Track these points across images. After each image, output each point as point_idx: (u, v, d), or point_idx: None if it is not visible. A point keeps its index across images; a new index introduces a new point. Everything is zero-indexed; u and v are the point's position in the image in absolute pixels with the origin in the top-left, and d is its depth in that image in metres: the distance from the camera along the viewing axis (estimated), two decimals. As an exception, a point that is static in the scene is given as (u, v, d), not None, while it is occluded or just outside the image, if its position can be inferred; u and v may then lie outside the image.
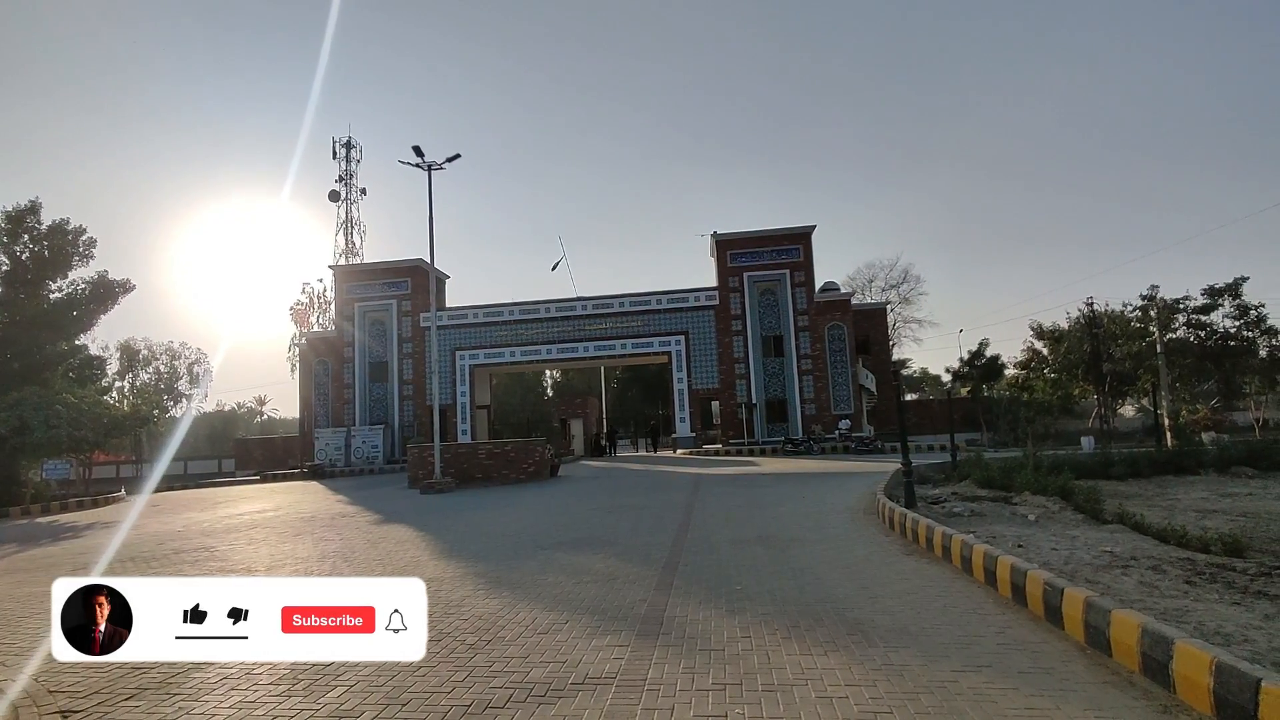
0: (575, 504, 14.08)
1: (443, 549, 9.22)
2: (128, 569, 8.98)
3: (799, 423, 31.41)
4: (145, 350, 59.49)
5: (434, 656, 4.62)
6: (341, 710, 3.80)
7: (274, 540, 10.94)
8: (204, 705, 3.98)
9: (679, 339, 33.00)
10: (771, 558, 7.55)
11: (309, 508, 16.03)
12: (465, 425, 33.71)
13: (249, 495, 21.66)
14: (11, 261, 30.86)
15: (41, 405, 21.71)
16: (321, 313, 52.27)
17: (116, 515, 18.04)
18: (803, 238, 32.90)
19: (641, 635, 4.91)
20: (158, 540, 11.67)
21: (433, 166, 20.10)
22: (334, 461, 32.85)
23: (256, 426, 73.60)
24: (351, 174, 53.38)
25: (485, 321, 34.18)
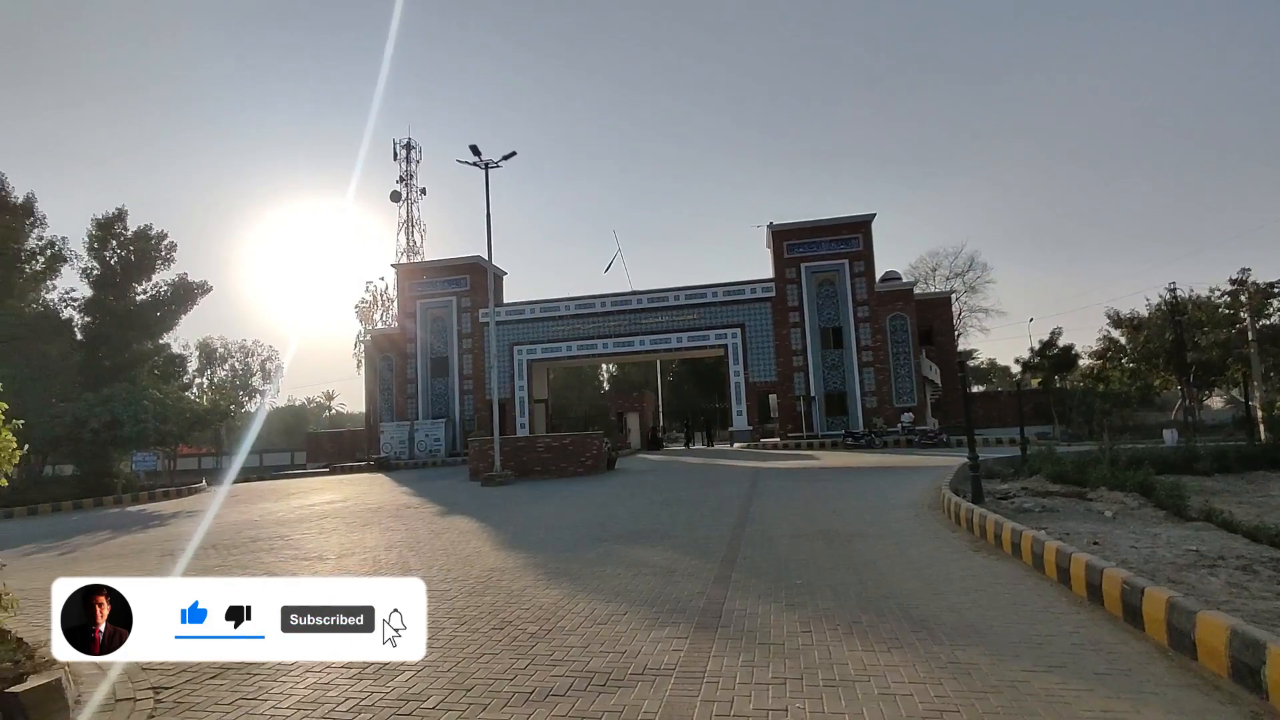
0: (632, 497, 14.16)
1: (503, 540, 9.41)
2: (210, 556, 9.47)
3: (859, 416, 30.79)
4: (222, 348, 62.51)
5: (497, 645, 4.73)
6: (410, 694, 3.93)
7: (344, 530, 11.36)
8: (281, 685, 4.17)
9: (735, 332, 32.75)
10: (832, 552, 7.44)
11: (376, 499, 16.59)
12: (523, 419, 34.28)
13: (319, 487, 22.55)
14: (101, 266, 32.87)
15: (130, 401, 23.09)
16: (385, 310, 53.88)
17: (198, 505, 19.07)
18: (862, 226, 32.16)
19: (700, 628, 4.91)
20: (236, 529, 12.27)
21: (489, 165, 20.46)
22: (398, 454, 33.87)
23: (325, 420, 76.49)
24: (411, 174, 54.77)
25: (542, 317, 34.65)
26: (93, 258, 33.16)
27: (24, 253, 31.63)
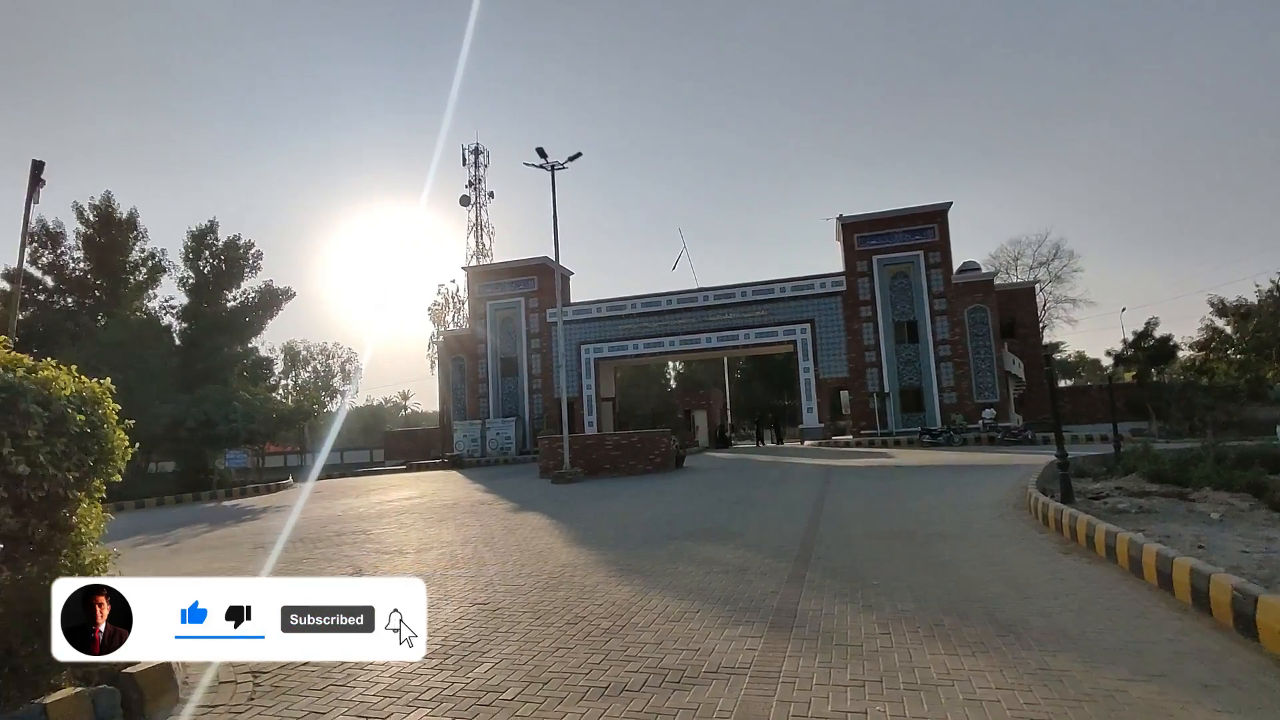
0: (702, 495, 14.11)
1: (575, 536, 9.53)
2: (298, 549, 9.95)
3: (936, 412, 29.78)
4: (304, 351, 65.67)
5: (571, 639, 4.79)
6: (489, 685, 4.03)
7: (421, 525, 11.74)
8: (368, 673, 4.34)
9: (804, 327, 32.20)
10: (910, 553, 7.21)
11: (450, 495, 17.08)
12: (591, 417, 34.66)
13: (397, 483, 23.38)
14: (196, 275, 35.05)
15: (223, 402, 24.53)
16: (456, 312, 55.54)
17: (286, 500, 20.07)
18: (937, 216, 31.07)
19: (774, 628, 4.84)
20: (322, 524, 12.85)
21: (555, 167, 20.76)
22: (471, 452, 34.79)
23: (401, 419, 79.30)
24: (480, 179, 56.27)
25: (608, 315, 34.94)
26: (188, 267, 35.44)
27: (129, 264, 34.04)
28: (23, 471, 3.91)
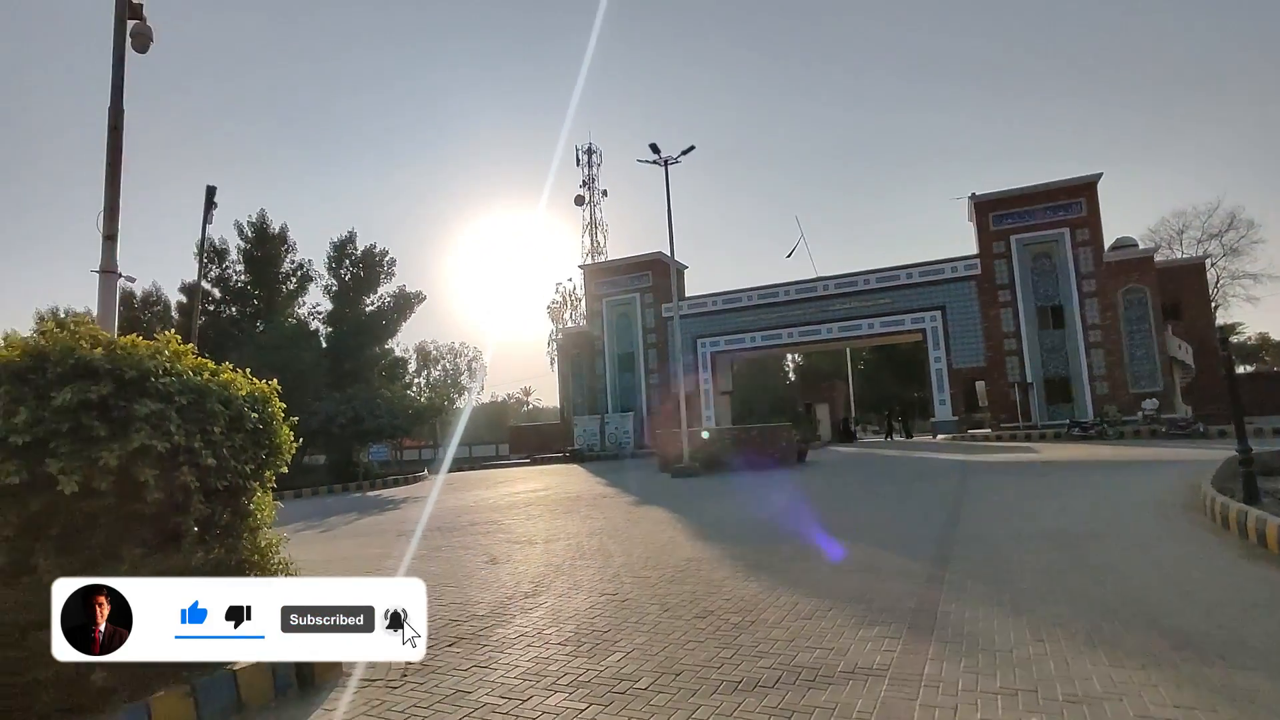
0: (826, 490, 13.73)
1: (697, 530, 9.54)
2: (436, 537, 10.60)
3: (1087, 403, 27.38)
4: (434, 351, 69.79)
5: (701, 633, 4.79)
6: (622, 673, 4.11)
7: (548, 516, 12.17)
8: (509, 656, 4.55)
9: (934, 314, 30.54)
10: (1061, 555, 6.66)
11: (574, 488, 17.59)
12: (709, 411, 34.59)
13: (522, 476, 24.37)
14: (338, 282, 38.11)
15: (368, 400, 26.54)
16: (574, 309, 57.14)
17: (422, 491, 21.42)
18: (1085, 189, 28.48)
19: (913, 629, 4.62)
20: (456, 514, 13.61)
21: (669, 161, 20.84)
22: (590, 446, 35.67)
23: (524, 415, 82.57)
24: (593, 178, 57.52)
25: (724, 308, 34.71)
26: (331, 275, 38.62)
27: (281, 275, 37.57)
28: (210, 464, 4.39)
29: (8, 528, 3.87)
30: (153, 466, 4.09)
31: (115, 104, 9.02)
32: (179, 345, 4.75)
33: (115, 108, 9.01)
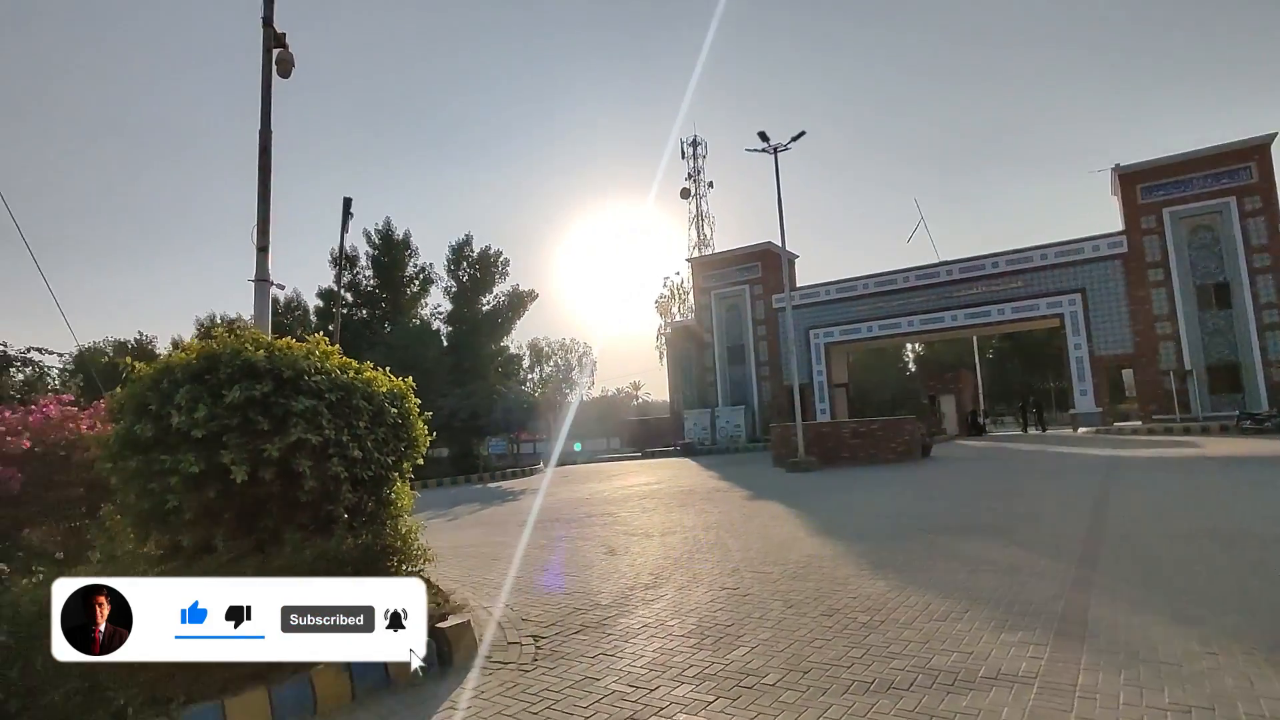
0: (954, 486, 13.02)
1: (816, 526, 9.30)
2: (556, 527, 10.93)
3: (1261, 393, 24.42)
4: (546, 347, 71.88)
5: (827, 630, 4.67)
6: (748, 668, 4.07)
7: (662, 510, 12.26)
8: (633, 646, 4.62)
9: (1073, 298, 28.19)
10: (1229, 557, 5.98)
11: (686, 482, 17.63)
12: (824, 404, 33.67)
13: (634, 470, 24.68)
14: (457, 284, 40.07)
15: (487, 395, 27.77)
16: (682, 303, 57.22)
17: (538, 484, 22.12)
18: (1255, 153, 25.34)
19: (1062, 636, 4.29)
20: (573, 505, 13.97)
21: (778, 149, 20.39)
22: (701, 440, 35.62)
23: (633, 409, 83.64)
24: (699, 170, 57.26)
25: (838, 298, 33.63)
26: (450, 277, 40.68)
27: (405, 278, 40.00)
28: (357, 455, 4.74)
29: (190, 512, 4.33)
30: (308, 458, 4.46)
31: (264, 127, 9.87)
32: (327, 346, 5.15)
33: (264, 130, 9.85)
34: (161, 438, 4.35)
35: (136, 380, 4.67)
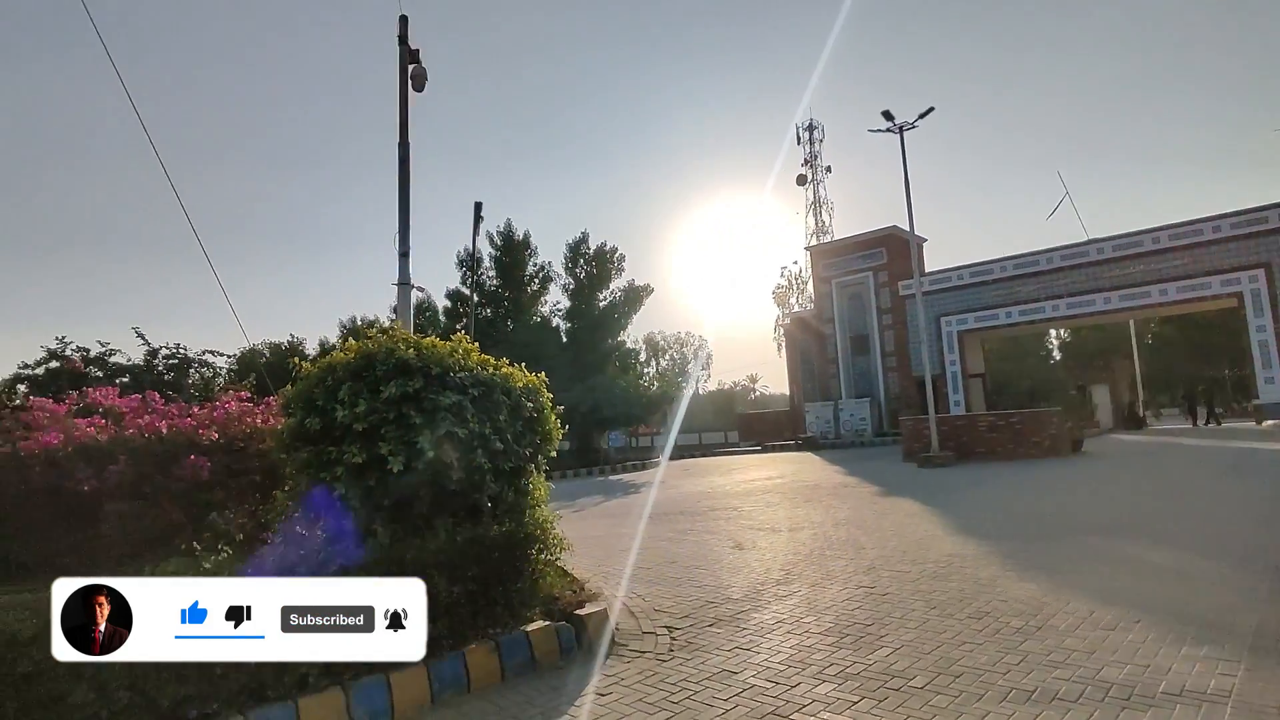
0: (1110, 484, 11.95)
1: (955, 524, 8.81)
2: (680, 520, 10.99)
3: None
4: (662, 341, 72.37)
5: (977, 634, 4.42)
6: (893, 669, 3.92)
7: (787, 505, 12.04)
8: (770, 642, 4.57)
9: (1254, 274, 24.91)
10: None
11: (810, 476, 17.21)
12: (957, 396, 31.78)
13: (754, 463, 24.37)
14: (575, 281, 41.15)
15: (606, 390, 28.36)
16: (800, 293, 55.89)
17: (657, 477, 22.29)
18: None
19: (1258, 653, 3.83)
20: (695, 499, 14.00)
21: (904, 128, 19.40)
22: (824, 433, 34.59)
23: (751, 402, 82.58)
24: (815, 154, 55.53)
25: (971, 282, 31.58)
26: (568, 275, 41.82)
27: (526, 277, 41.52)
28: (499, 447, 4.98)
29: (354, 499, 4.72)
30: (455, 449, 4.74)
31: (403, 139, 10.55)
32: (468, 344, 5.44)
33: (403, 142, 10.53)
34: (327, 430, 4.77)
35: (305, 378, 5.15)
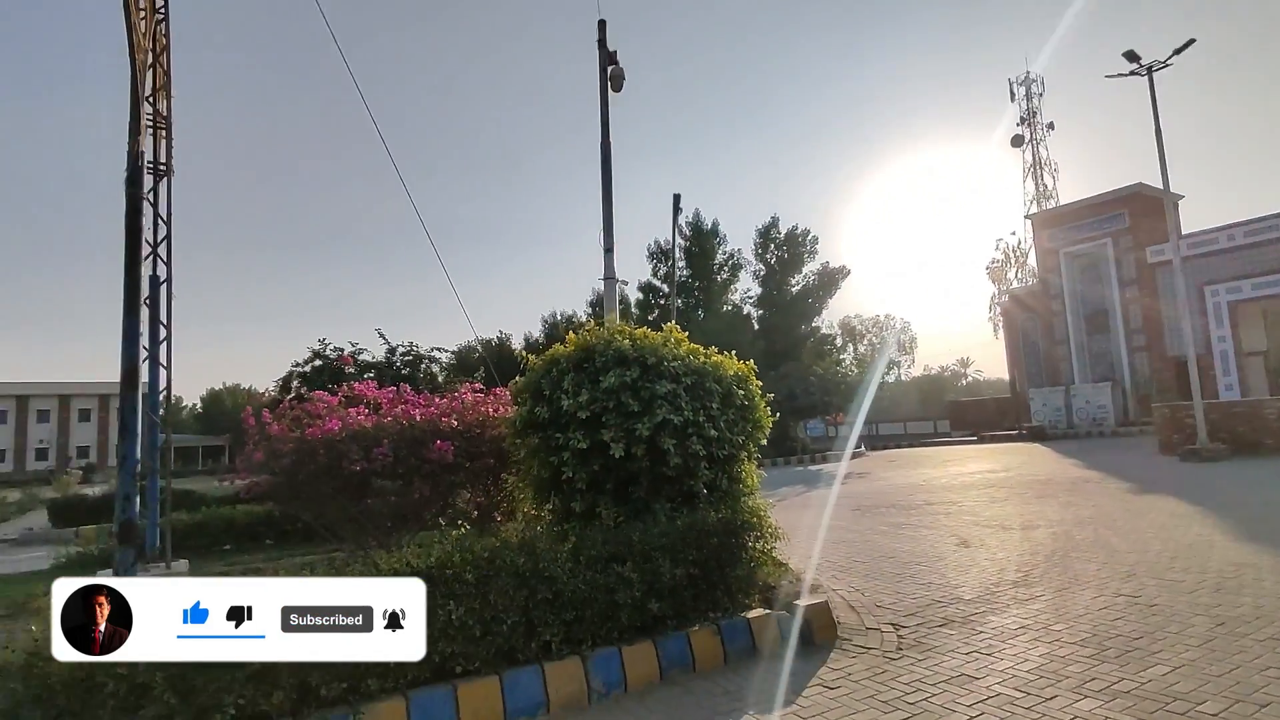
0: None
1: (1238, 529, 7.46)
2: (893, 514, 10.41)
3: None
4: (859, 325, 68.73)
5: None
6: (1173, 690, 3.41)
7: (1015, 500, 10.94)
8: (1013, 648, 4.18)
9: None
10: None
11: (1040, 470, 15.51)
12: (1229, 378, 26.81)
13: (969, 455, 22.43)
14: (765, 267, 40.46)
15: (801, 378, 27.63)
16: (1019, 267, 50.39)
17: (860, 468, 21.25)
18: None
19: None
20: (905, 491, 13.19)
21: (1153, 68, 16.65)
22: (1053, 422, 30.96)
23: (962, 389, 76.09)
24: (1034, 111, 49.58)
25: (1244, 244, 26.44)
26: (758, 261, 41.25)
27: (715, 266, 41.55)
28: (713, 434, 5.04)
29: (580, 482, 5.04)
30: (671, 436, 4.87)
31: (604, 138, 11.01)
32: (679, 334, 5.56)
33: (604, 141, 10.99)
34: (554, 418, 5.13)
35: (531, 370, 5.58)
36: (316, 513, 7.23)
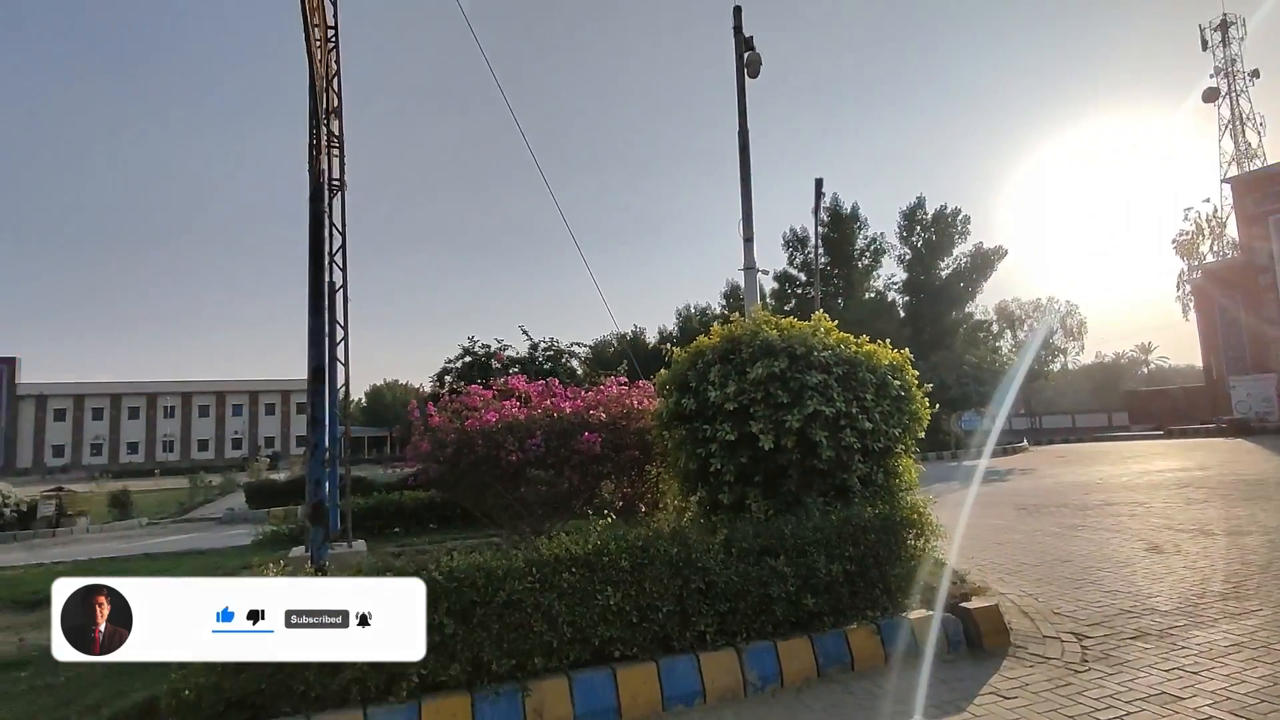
0: None
1: None
2: (1065, 514, 9.55)
3: None
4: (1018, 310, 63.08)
5: None
6: None
7: (1218, 502, 9.68)
8: (1224, 667, 3.70)
9: None
10: None
11: (1244, 468, 13.64)
12: None
13: (1154, 451, 20.09)
14: (911, 250, 38.18)
15: (952, 367, 25.91)
16: (1215, 238, 44.33)
17: (1024, 464, 19.57)
18: None
19: None
20: (1080, 490, 12.05)
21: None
22: (1260, 415, 27.07)
23: (1142, 378, 68.23)
24: (1233, 59, 43.22)
25: None
26: (903, 245, 38.98)
27: (855, 252, 39.70)
28: (867, 427, 4.85)
29: (728, 474, 5.01)
30: (823, 428, 4.74)
31: (742, 126, 10.85)
32: (829, 323, 5.39)
33: (742, 129, 10.83)
34: (701, 409, 5.14)
35: (677, 362, 5.62)
36: (475, 500, 7.70)
